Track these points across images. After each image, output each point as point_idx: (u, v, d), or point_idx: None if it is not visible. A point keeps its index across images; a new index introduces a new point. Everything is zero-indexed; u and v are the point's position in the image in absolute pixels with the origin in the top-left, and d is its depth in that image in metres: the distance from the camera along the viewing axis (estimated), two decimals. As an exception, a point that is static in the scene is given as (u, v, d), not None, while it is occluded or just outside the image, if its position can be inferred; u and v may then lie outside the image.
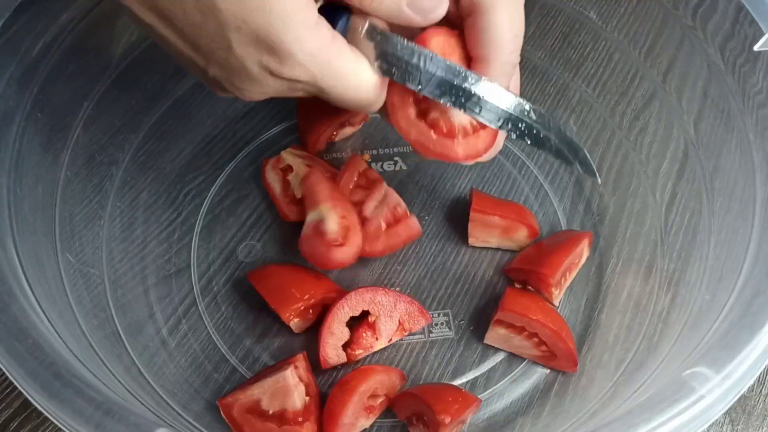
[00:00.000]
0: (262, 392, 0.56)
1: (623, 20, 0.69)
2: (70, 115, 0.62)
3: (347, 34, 0.47)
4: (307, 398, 0.57)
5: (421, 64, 0.46)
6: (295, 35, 0.41)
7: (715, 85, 0.61)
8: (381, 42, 0.46)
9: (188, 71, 0.48)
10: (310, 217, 0.64)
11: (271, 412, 0.56)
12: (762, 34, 0.56)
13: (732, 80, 0.59)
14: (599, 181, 0.50)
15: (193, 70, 0.47)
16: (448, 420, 0.53)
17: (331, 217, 0.62)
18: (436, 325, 0.64)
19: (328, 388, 0.59)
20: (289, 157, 0.70)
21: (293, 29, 0.41)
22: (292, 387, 0.56)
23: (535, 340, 0.60)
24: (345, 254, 0.62)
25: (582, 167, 0.50)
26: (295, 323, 0.62)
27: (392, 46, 0.46)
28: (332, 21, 0.46)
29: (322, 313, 0.62)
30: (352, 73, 0.45)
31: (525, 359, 0.62)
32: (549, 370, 0.62)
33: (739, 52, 0.58)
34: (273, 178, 0.70)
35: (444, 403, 0.54)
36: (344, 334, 0.60)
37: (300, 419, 0.55)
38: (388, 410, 0.60)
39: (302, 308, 0.61)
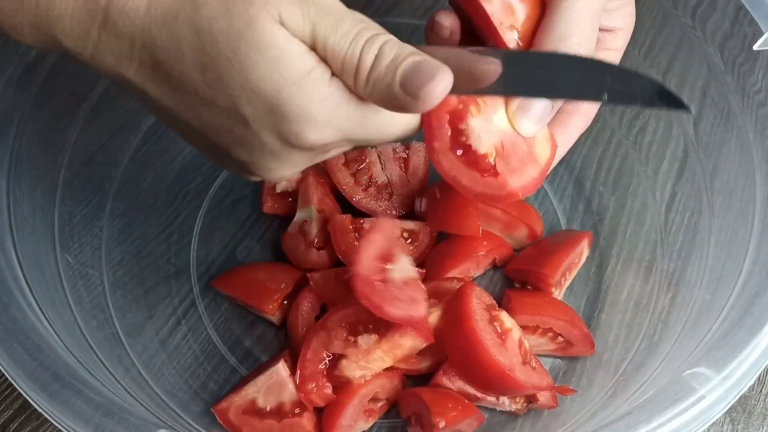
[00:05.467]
0: (256, 390, 0.56)
1: (623, 20, 0.69)
2: (69, 116, 0.62)
3: None
4: (303, 388, 0.57)
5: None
6: (310, 97, 0.37)
7: (714, 85, 0.61)
8: None
9: (216, 160, 0.45)
10: (298, 216, 0.66)
11: (268, 408, 0.56)
12: (761, 34, 0.56)
13: (731, 79, 0.59)
14: (692, 111, 0.42)
15: (219, 156, 0.43)
16: (442, 424, 0.53)
17: (316, 219, 0.64)
18: (436, 325, 0.64)
19: (328, 389, 0.59)
20: None
21: (306, 91, 0.37)
22: (287, 379, 0.56)
23: (550, 335, 0.60)
24: (321, 257, 0.64)
25: (664, 102, 0.40)
26: (276, 316, 0.62)
27: None
28: None
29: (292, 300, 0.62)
30: (381, 111, 0.40)
31: (525, 359, 0.62)
32: (548, 370, 0.62)
33: (738, 52, 0.58)
34: None
35: (442, 407, 0.54)
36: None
37: (297, 410, 0.55)
38: (389, 410, 0.60)
39: (281, 298, 0.62)
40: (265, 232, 0.69)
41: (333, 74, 0.38)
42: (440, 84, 0.37)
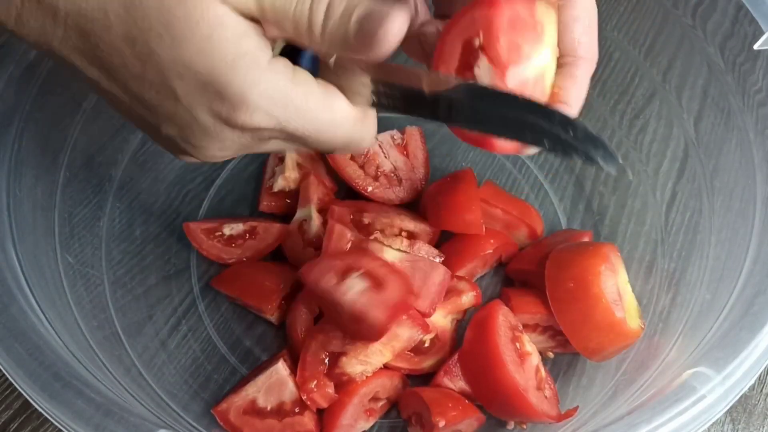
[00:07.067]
0: (256, 390, 0.56)
1: (623, 19, 0.69)
2: (69, 116, 0.62)
3: (317, 70, 0.41)
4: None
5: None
6: (245, 77, 0.37)
7: (715, 84, 0.61)
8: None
9: (145, 133, 0.43)
10: (298, 215, 0.66)
11: (268, 408, 0.56)
12: (762, 33, 0.56)
13: (732, 79, 0.59)
14: (630, 175, 0.40)
15: (148, 131, 0.42)
16: (442, 424, 0.53)
17: (315, 219, 0.64)
18: (437, 325, 0.64)
19: (329, 389, 0.59)
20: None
21: (241, 71, 0.37)
22: (287, 378, 0.56)
23: (550, 332, 0.60)
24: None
25: (606, 163, 0.37)
26: (275, 316, 0.62)
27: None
28: (297, 57, 0.41)
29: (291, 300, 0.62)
30: (323, 110, 0.39)
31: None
32: (548, 370, 0.62)
33: (738, 51, 0.58)
34: (270, 165, 0.70)
35: (443, 407, 0.54)
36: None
37: (298, 409, 0.56)
38: (390, 409, 0.60)
39: (279, 299, 0.62)
40: (266, 232, 0.69)
41: (274, 57, 0.38)
42: (395, 23, 0.36)
